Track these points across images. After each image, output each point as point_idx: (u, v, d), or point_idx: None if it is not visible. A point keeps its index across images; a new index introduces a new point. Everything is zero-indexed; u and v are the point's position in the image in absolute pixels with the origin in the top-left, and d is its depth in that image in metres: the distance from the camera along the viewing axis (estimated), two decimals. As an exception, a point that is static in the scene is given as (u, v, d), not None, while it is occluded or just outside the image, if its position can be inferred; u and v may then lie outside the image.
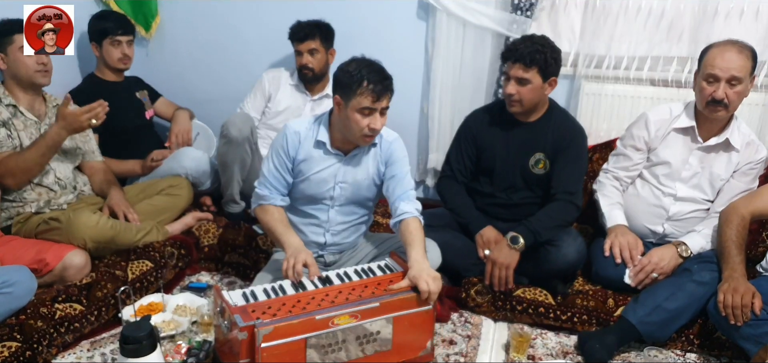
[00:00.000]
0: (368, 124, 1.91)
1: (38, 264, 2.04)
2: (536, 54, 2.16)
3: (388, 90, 1.91)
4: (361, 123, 1.91)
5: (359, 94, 1.88)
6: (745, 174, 2.26)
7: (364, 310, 1.75)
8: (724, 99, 2.11)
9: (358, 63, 1.92)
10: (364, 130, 1.92)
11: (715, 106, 2.14)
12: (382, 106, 1.92)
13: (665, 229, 2.31)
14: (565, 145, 2.28)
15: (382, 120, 1.95)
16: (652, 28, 2.66)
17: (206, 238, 2.58)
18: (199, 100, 3.17)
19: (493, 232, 2.31)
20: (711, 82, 2.13)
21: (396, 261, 2.04)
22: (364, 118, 1.91)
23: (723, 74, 2.10)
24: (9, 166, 2.16)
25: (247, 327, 1.64)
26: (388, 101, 1.93)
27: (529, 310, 2.21)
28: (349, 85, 1.89)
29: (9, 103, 2.25)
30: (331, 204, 2.11)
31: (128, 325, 1.60)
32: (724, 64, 2.10)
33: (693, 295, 2.03)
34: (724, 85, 2.10)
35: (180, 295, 2.26)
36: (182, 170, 2.66)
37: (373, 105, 1.89)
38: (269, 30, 3.04)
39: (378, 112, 1.92)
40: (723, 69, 2.10)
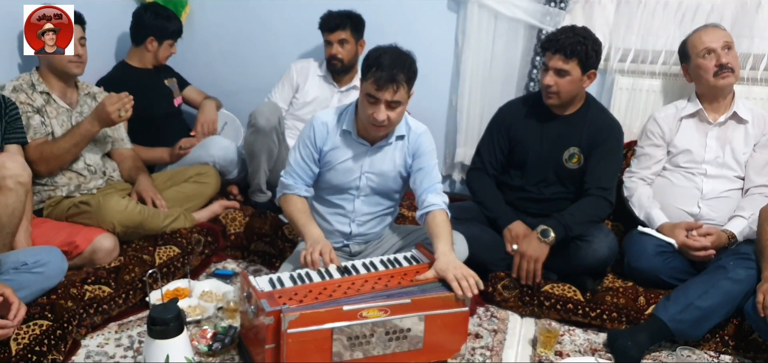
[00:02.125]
0: (371, 114, 1.88)
1: (68, 246, 2.07)
2: (577, 45, 2.13)
3: (392, 82, 1.82)
4: (367, 110, 1.89)
5: (367, 79, 1.87)
6: (765, 146, 2.29)
7: (394, 306, 1.72)
8: (728, 62, 2.22)
9: (382, 49, 1.89)
10: (369, 119, 1.90)
11: (723, 72, 2.22)
12: (386, 98, 1.84)
13: (701, 209, 2.27)
14: (600, 140, 2.24)
15: (388, 113, 1.87)
16: (689, 22, 2.58)
17: (233, 226, 2.59)
18: (227, 90, 3.18)
19: (522, 226, 2.27)
20: (709, 56, 2.25)
21: (423, 253, 2.01)
22: (369, 105, 1.89)
23: (717, 44, 2.24)
24: (43, 153, 2.19)
25: (274, 312, 1.63)
26: (394, 94, 1.84)
27: (557, 306, 2.16)
28: (364, 68, 1.90)
29: (42, 90, 2.28)
30: (357, 194, 2.09)
31: (156, 307, 1.61)
32: (712, 37, 2.26)
33: (728, 294, 1.96)
34: (722, 52, 2.23)
35: (206, 282, 2.27)
36: (210, 159, 2.68)
37: (376, 94, 1.85)
38: (298, 21, 3.05)
39: (382, 104, 1.86)
40: (714, 40, 2.25)
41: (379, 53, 1.87)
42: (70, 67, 2.30)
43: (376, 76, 1.84)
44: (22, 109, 2.18)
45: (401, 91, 1.87)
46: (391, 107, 1.88)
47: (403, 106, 1.93)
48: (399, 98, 1.87)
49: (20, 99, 2.20)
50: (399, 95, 1.87)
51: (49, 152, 2.20)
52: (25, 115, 2.19)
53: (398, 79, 1.84)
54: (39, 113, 2.24)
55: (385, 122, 1.89)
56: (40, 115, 2.24)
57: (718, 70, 2.24)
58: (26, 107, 2.21)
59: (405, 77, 1.86)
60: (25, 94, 2.23)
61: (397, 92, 1.86)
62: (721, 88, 2.28)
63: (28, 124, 2.20)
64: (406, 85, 1.88)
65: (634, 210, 2.36)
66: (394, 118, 1.90)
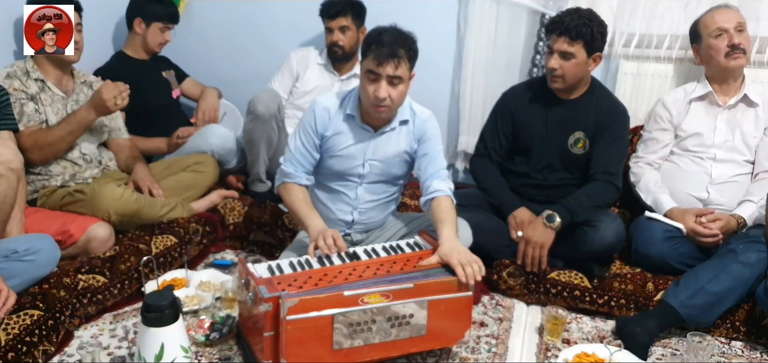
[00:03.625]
0: (373, 91, 1.84)
1: (62, 235, 2.03)
2: (583, 27, 2.08)
3: (393, 56, 1.79)
4: (368, 88, 1.85)
5: (367, 57, 1.84)
6: None
7: (396, 291, 1.66)
8: (740, 43, 2.18)
9: (382, 27, 1.86)
10: (370, 97, 1.85)
11: (734, 52, 2.19)
12: (388, 73, 1.81)
13: (710, 193, 2.23)
14: (606, 124, 2.19)
15: (390, 90, 1.83)
16: (694, 5, 2.53)
17: (232, 215, 2.54)
18: (226, 80, 3.14)
19: (527, 213, 2.22)
20: (721, 36, 2.21)
21: (426, 239, 1.96)
22: (369, 83, 1.85)
23: (730, 24, 2.20)
24: (37, 141, 2.15)
25: (272, 298, 1.58)
26: (395, 69, 1.81)
27: (563, 294, 2.11)
28: (364, 48, 1.87)
29: (37, 77, 2.24)
30: (360, 181, 2.05)
31: (151, 294, 1.56)
32: (725, 17, 2.22)
33: (739, 277, 1.92)
34: (734, 33, 2.19)
35: (204, 272, 2.22)
36: (208, 147, 2.63)
37: (377, 69, 1.81)
38: (299, 9, 3.01)
39: (384, 80, 1.82)
40: (727, 20, 2.21)
41: (380, 31, 1.85)
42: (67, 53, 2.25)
43: (377, 51, 1.80)
44: (15, 96, 2.13)
45: (402, 66, 1.82)
46: (392, 84, 1.84)
47: (405, 85, 1.88)
48: (400, 74, 1.83)
49: (14, 86, 2.16)
50: (400, 71, 1.82)
51: (44, 140, 2.16)
52: (18, 102, 2.14)
53: (399, 54, 1.80)
54: (33, 100, 2.19)
55: (387, 100, 1.85)
56: (34, 102, 2.20)
57: (729, 51, 2.20)
58: (20, 94, 2.16)
59: (406, 53, 1.82)
60: (19, 81, 2.18)
61: (399, 68, 1.81)
62: (732, 69, 2.23)
63: (21, 111, 2.15)
64: (408, 61, 1.84)
65: (641, 195, 2.31)
66: (395, 96, 1.86)
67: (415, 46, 1.88)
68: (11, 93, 2.12)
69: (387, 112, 1.90)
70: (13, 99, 2.11)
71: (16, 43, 2.44)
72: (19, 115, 2.13)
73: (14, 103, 2.11)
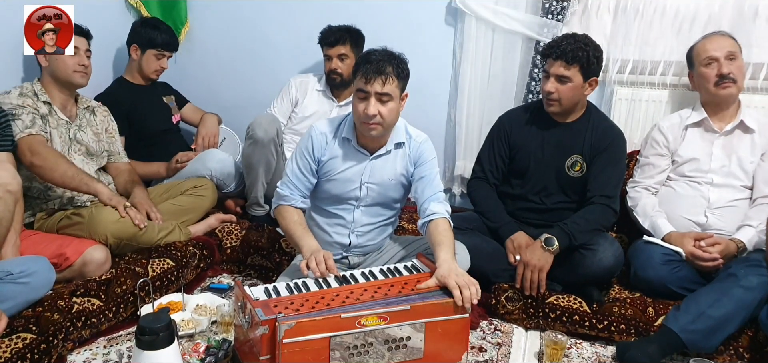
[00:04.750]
0: (363, 109, 1.85)
1: (58, 258, 2.01)
2: (579, 51, 2.11)
3: (380, 73, 1.81)
4: (358, 107, 1.87)
5: (357, 77, 1.87)
6: None
7: (393, 313, 1.65)
8: (730, 73, 2.19)
9: (371, 49, 1.89)
10: (361, 116, 1.86)
11: (724, 82, 2.20)
12: (376, 90, 1.82)
13: (708, 218, 2.22)
14: (603, 146, 2.20)
15: (379, 107, 1.84)
16: (686, 32, 2.56)
17: (229, 239, 2.53)
18: (226, 106, 3.17)
19: (525, 237, 2.21)
20: (711, 65, 2.22)
21: (423, 262, 1.95)
22: (359, 101, 1.86)
23: (720, 53, 2.21)
24: (44, 154, 2.11)
25: (269, 320, 1.56)
26: (383, 86, 1.82)
27: (562, 318, 2.09)
28: (354, 70, 1.91)
29: (45, 100, 2.26)
30: (357, 204, 2.04)
31: (146, 316, 1.54)
32: (716, 45, 2.23)
33: (740, 302, 1.90)
34: (724, 62, 2.20)
35: (200, 295, 2.20)
36: (207, 171, 2.64)
37: (365, 87, 1.83)
38: (298, 36, 3.05)
39: (373, 97, 1.83)
40: (717, 48, 2.22)
41: (368, 52, 1.89)
42: (75, 77, 2.28)
43: (364, 69, 1.83)
44: (27, 110, 2.14)
45: (390, 83, 1.84)
46: (381, 101, 1.85)
47: (395, 103, 1.89)
48: (388, 90, 1.84)
49: (27, 103, 2.17)
50: (388, 87, 1.84)
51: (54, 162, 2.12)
52: (31, 114, 2.15)
53: (386, 71, 1.82)
54: (42, 119, 2.20)
55: (377, 118, 1.85)
56: (44, 121, 2.20)
57: (718, 80, 2.21)
58: (31, 109, 2.17)
59: (394, 70, 1.84)
60: (32, 100, 2.20)
61: (386, 84, 1.83)
62: (723, 97, 2.25)
63: (33, 121, 2.15)
64: (396, 79, 1.86)
65: (638, 220, 2.31)
66: (385, 113, 1.86)
67: (405, 65, 1.90)
68: (25, 107, 2.13)
69: (378, 130, 1.90)
70: (27, 112, 2.12)
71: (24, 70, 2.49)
72: (31, 125, 2.13)
73: (27, 115, 2.12)
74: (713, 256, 2.08)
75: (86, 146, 2.36)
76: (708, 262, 2.09)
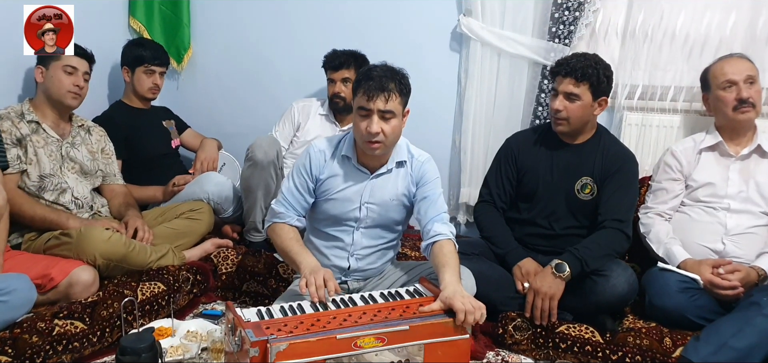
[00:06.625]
0: (365, 127, 1.79)
1: (43, 279, 1.93)
2: (588, 69, 2.06)
3: (383, 90, 1.76)
4: (360, 125, 1.81)
5: (358, 94, 1.81)
6: None
7: (391, 333, 1.55)
8: (750, 97, 2.11)
9: (371, 65, 1.85)
10: (363, 135, 1.80)
11: (743, 107, 2.12)
12: (378, 107, 1.77)
13: (726, 245, 2.12)
14: (614, 169, 2.12)
15: (382, 125, 1.79)
16: (697, 56, 2.51)
17: (225, 265, 2.44)
18: (228, 132, 3.12)
19: (533, 264, 2.12)
20: (729, 88, 2.13)
21: (426, 286, 1.85)
22: (361, 119, 1.80)
23: (739, 76, 2.12)
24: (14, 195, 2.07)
25: (260, 342, 1.46)
26: (386, 103, 1.77)
27: (574, 349, 1.97)
28: (355, 87, 1.84)
29: (31, 119, 2.21)
30: (357, 226, 1.96)
31: (128, 336, 1.45)
32: (735, 68, 2.14)
33: (764, 332, 1.78)
34: (744, 86, 2.11)
35: (192, 321, 2.10)
36: (204, 194, 2.57)
37: (367, 105, 1.78)
38: (301, 61, 3.03)
39: (375, 115, 1.78)
40: (736, 72, 2.13)
41: (369, 67, 1.84)
42: (67, 97, 2.25)
43: (366, 86, 1.78)
44: (3, 137, 2.09)
45: (393, 100, 1.78)
46: (384, 118, 1.79)
47: (398, 120, 1.83)
48: (391, 108, 1.79)
49: (3, 127, 2.12)
50: (391, 104, 1.78)
51: (23, 202, 2.11)
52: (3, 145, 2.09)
53: (389, 87, 1.77)
54: (19, 144, 2.15)
55: (380, 136, 1.79)
56: (21, 146, 2.15)
57: (737, 104, 2.13)
58: (7, 136, 2.12)
59: (396, 87, 1.79)
60: (10, 122, 2.15)
61: (389, 101, 1.77)
62: (741, 122, 2.17)
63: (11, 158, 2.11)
64: (399, 95, 1.80)
65: (651, 247, 2.21)
66: (388, 131, 1.80)
67: (407, 80, 1.85)
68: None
69: (381, 148, 1.83)
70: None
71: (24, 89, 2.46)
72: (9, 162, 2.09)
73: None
74: (733, 284, 1.97)
75: (80, 164, 2.30)
76: (727, 290, 1.97)
